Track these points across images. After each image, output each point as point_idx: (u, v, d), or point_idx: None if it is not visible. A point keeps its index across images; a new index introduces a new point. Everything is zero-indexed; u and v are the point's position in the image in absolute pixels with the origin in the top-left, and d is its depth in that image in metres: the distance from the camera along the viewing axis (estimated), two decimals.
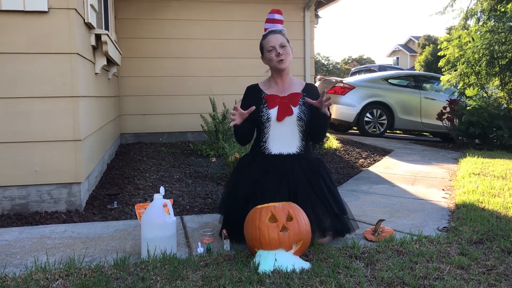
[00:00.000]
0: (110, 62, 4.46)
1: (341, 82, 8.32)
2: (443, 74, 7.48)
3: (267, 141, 2.46)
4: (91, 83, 3.52)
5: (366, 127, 7.90)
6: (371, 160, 5.07)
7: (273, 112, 2.41)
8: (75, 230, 2.59)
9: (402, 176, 4.18)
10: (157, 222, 2.10)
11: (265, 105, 2.44)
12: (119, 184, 3.70)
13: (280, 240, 1.97)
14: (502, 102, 6.72)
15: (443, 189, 3.62)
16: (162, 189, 2.20)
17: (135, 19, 6.05)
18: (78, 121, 2.95)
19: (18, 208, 2.92)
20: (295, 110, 2.42)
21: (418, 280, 1.81)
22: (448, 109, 6.88)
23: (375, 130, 7.95)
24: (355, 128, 8.61)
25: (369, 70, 15.67)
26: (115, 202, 3.13)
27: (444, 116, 6.94)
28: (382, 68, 16.43)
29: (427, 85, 8.66)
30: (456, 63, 6.91)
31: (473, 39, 6.65)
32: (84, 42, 3.23)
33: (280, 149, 2.45)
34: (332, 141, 6.03)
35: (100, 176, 3.89)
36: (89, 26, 3.39)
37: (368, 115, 7.92)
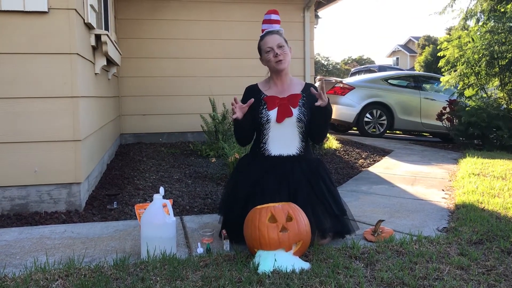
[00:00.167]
0: (110, 63, 4.46)
1: (341, 83, 8.32)
2: (443, 75, 7.48)
3: (267, 143, 2.45)
4: (91, 83, 3.52)
5: (366, 128, 7.90)
6: (371, 161, 5.08)
7: (273, 114, 2.41)
8: (75, 231, 2.59)
9: (402, 177, 4.18)
10: (157, 223, 2.10)
11: (265, 107, 2.43)
12: (119, 185, 3.70)
13: (280, 241, 1.97)
14: (502, 103, 6.72)
15: (443, 190, 3.62)
16: (162, 190, 2.20)
17: (135, 20, 6.05)
18: (78, 121, 2.95)
19: (18, 208, 2.92)
20: (295, 112, 2.41)
21: (418, 281, 1.81)
22: (448, 110, 6.88)
23: (375, 131, 7.96)
24: (355, 129, 8.61)
25: (369, 71, 15.67)
26: (115, 203, 3.13)
27: (444, 117, 6.95)
28: (382, 69, 16.43)
29: (427, 86, 8.67)
30: (456, 64, 6.91)
31: (473, 40, 6.64)
32: (84, 43, 3.23)
33: (280, 151, 2.44)
34: (332, 142, 6.03)
35: (100, 176, 3.89)
36: (89, 27, 3.39)
37: (368, 116, 7.92)
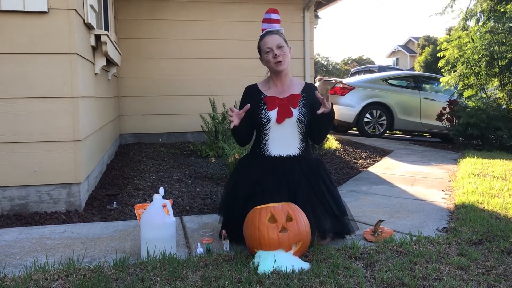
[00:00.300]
0: (110, 63, 4.46)
1: (341, 83, 8.33)
2: (443, 75, 7.48)
3: (267, 143, 2.45)
4: (91, 84, 3.52)
5: (366, 128, 7.90)
6: (371, 161, 5.08)
7: (273, 114, 2.40)
8: (75, 231, 2.59)
9: (402, 177, 4.18)
10: (157, 223, 2.10)
11: (265, 107, 2.42)
12: (119, 185, 3.70)
13: (280, 241, 1.97)
14: (502, 103, 6.72)
15: (443, 190, 3.62)
16: (162, 190, 2.20)
17: (135, 20, 6.05)
18: (78, 122, 2.95)
19: (18, 209, 2.91)
20: (295, 112, 2.41)
21: (418, 281, 1.81)
22: (448, 110, 6.89)
23: (375, 131, 7.96)
24: (355, 129, 8.61)
25: (369, 71, 15.67)
26: (115, 203, 3.13)
27: (444, 117, 6.95)
28: (382, 69, 16.44)
29: (427, 86, 8.67)
30: (456, 64, 6.91)
31: (473, 40, 6.64)
32: (84, 43, 3.23)
33: (280, 151, 2.44)
34: (332, 142, 6.03)
35: (100, 177, 3.89)
36: (89, 27, 3.39)
37: (368, 116, 7.92)
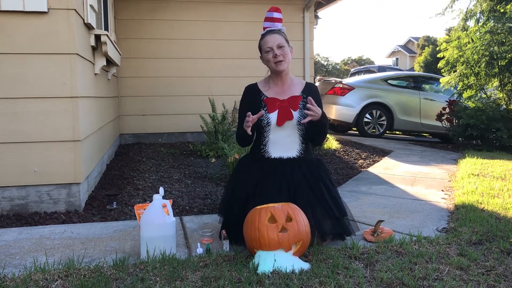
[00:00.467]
0: (110, 63, 4.46)
1: (341, 83, 8.32)
2: (443, 75, 7.48)
3: (267, 145, 2.44)
4: (91, 84, 3.52)
5: (366, 128, 7.90)
6: (371, 161, 5.08)
7: (273, 116, 2.38)
8: (74, 231, 2.58)
9: (402, 177, 4.19)
10: (157, 223, 2.10)
11: (265, 109, 2.40)
12: (119, 185, 3.70)
13: (280, 241, 1.96)
14: (501, 103, 6.73)
15: (443, 190, 3.62)
16: (162, 190, 2.20)
17: (135, 20, 6.05)
18: (78, 122, 2.94)
19: (18, 209, 2.91)
20: (295, 114, 2.39)
21: (418, 281, 1.81)
22: (448, 110, 6.89)
23: (375, 131, 7.96)
24: (355, 129, 8.61)
25: (369, 71, 15.66)
26: (115, 203, 3.13)
27: (444, 117, 6.95)
28: (382, 69, 16.43)
29: (427, 86, 8.67)
30: (456, 64, 6.91)
31: (473, 40, 6.65)
32: (84, 43, 3.23)
33: (280, 153, 2.43)
34: (332, 142, 6.03)
35: (100, 177, 3.89)
36: (89, 27, 3.39)
37: (368, 116, 7.92)
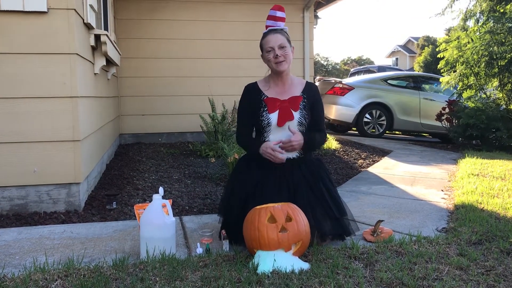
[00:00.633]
0: (110, 63, 4.46)
1: (340, 83, 8.32)
2: (443, 75, 7.48)
3: None
4: (91, 84, 3.52)
5: (365, 128, 7.90)
6: (370, 161, 5.08)
7: (274, 117, 2.37)
8: (74, 231, 2.58)
9: (401, 177, 4.19)
10: (156, 223, 2.10)
11: (265, 109, 2.39)
12: (118, 185, 3.70)
13: (279, 241, 1.96)
14: (501, 103, 6.73)
15: (442, 190, 3.62)
16: (161, 190, 2.20)
17: (135, 20, 6.05)
18: (77, 122, 2.94)
19: (17, 209, 2.91)
20: (296, 115, 2.38)
21: (417, 281, 1.81)
22: (447, 110, 6.89)
23: (374, 131, 7.96)
24: (354, 129, 8.61)
25: (368, 71, 15.67)
26: (114, 203, 3.13)
27: (443, 117, 6.96)
28: (381, 69, 16.43)
29: (426, 86, 8.67)
30: (455, 64, 6.91)
31: (472, 40, 6.65)
32: (84, 43, 3.23)
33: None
34: (331, 142, 6.03)
35: (99, 177, 3.89)
36: (89, 27, 3.39)
37: (367, 116, 7.93)
